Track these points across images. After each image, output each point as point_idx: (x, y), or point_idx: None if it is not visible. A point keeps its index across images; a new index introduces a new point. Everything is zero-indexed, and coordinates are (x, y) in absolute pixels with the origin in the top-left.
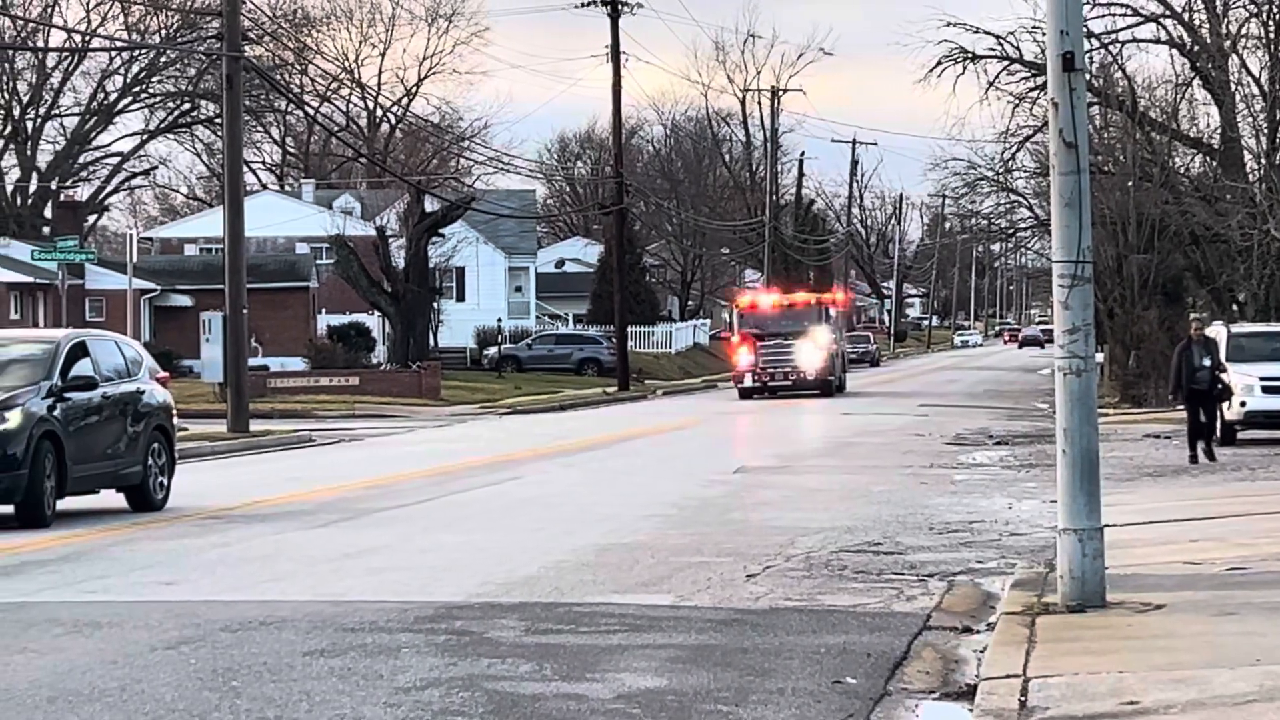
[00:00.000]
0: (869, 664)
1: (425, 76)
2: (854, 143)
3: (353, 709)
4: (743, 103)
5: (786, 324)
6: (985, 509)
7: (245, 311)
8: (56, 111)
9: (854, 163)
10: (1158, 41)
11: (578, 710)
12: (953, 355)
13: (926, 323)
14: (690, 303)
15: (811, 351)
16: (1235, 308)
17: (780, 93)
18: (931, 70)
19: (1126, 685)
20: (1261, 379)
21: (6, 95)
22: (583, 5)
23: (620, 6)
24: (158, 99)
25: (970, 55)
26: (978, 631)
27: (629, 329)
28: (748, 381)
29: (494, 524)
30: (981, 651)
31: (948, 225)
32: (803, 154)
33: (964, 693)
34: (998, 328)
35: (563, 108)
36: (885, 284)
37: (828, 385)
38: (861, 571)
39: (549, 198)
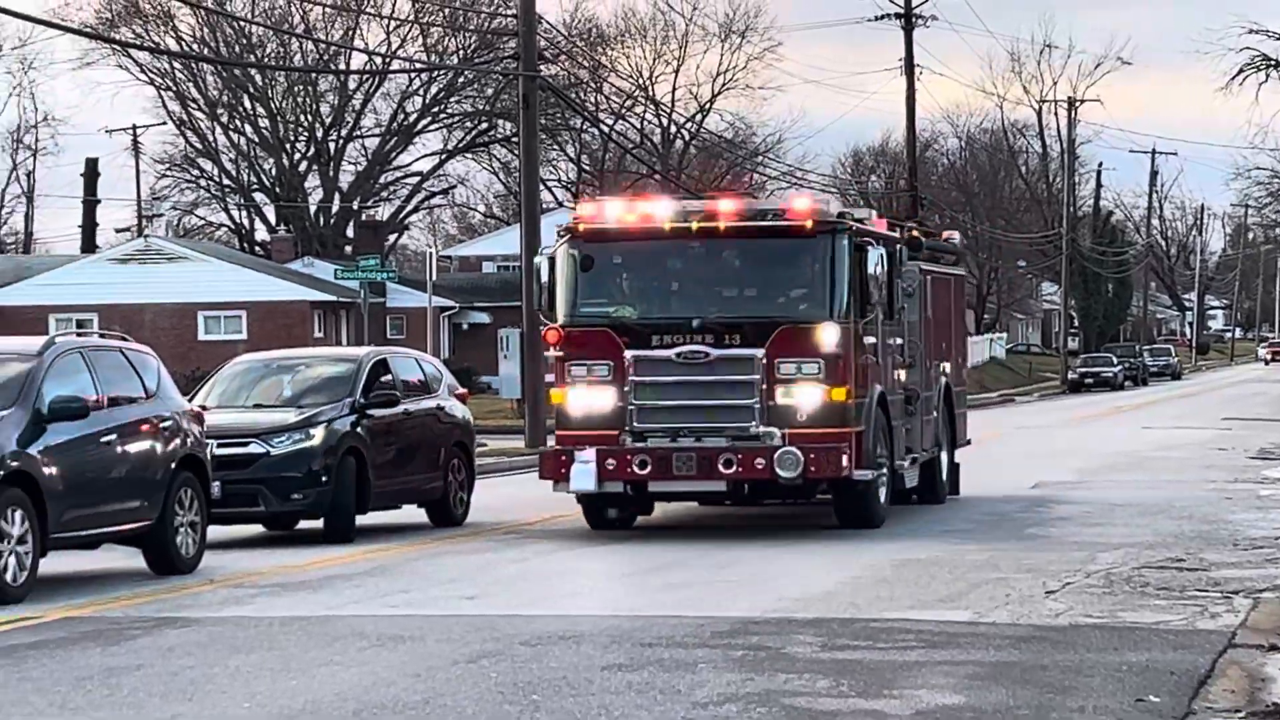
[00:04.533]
0: (1172, 682)
1: (719, 92)
2: (1153, 153)
3: None
4: (1039, 114)
5: (722, 300)
6: None
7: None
8: (358, 133)
9: (1153, 173)
10: None
11: None
12: (1256, 368)
13: (1229, 335)
14: (986, 316)
15: (809, 391)
16: None
17: (1077, 103)
18: (1233, 78)
19: None
20: None
21: (310, 117)
22: (876, 19)
23: (914, 19)
24: (456, 119)
25: (1274, 62)
26: None
27: None
28: (582, 480)
29: (777, 539)
30: None
31: (1251, 235)
32: (1100, 165)
33: (1270, 712)
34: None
35: (856, 121)
36: (1186, 296)
37: (855, 499)
38: (1164, 588)
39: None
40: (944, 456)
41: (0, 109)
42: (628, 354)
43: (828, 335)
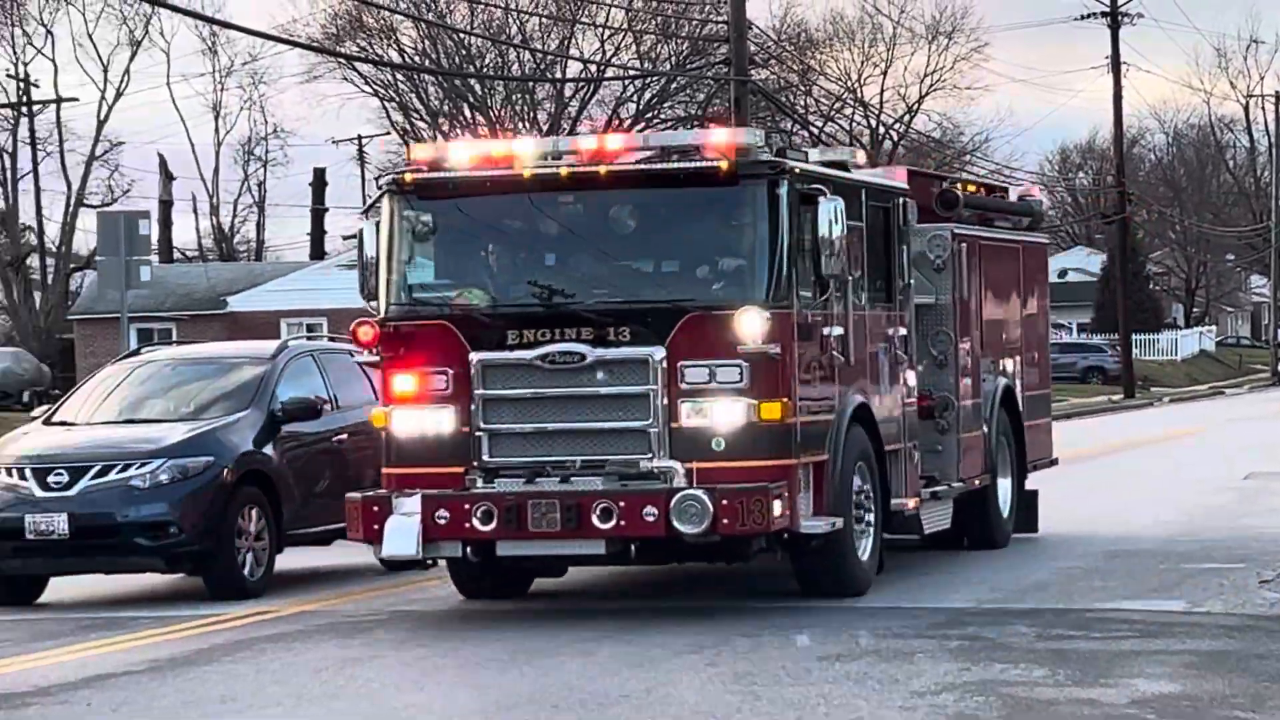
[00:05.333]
0: None
1: (926, 93)
2: None
3: (870, 712)
4: (1246, 109)
5: (606, 278)
6: None
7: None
8: None
9: None
10: None
11: (1092, 715)
12: None
13: None
14: (1195, 310)
15: (726, 407)
16: None
17: None
18: None
19: None
20: None
21: (527, 124)
22: (1083, 18)
23: (1120, 17)
24: (668, 124)
25: None
26: None
27: (1133, 337)
28: (399, 540)
29: None
30: None
31: None
32: None
33: None
34: None
35: (1063, 118)
36: None
37: (815, 558)
38: None
39: (1050, 208)
40: (1004, 484)
41: (232, 122)
42: (474, 357)
43: (752, 325)
